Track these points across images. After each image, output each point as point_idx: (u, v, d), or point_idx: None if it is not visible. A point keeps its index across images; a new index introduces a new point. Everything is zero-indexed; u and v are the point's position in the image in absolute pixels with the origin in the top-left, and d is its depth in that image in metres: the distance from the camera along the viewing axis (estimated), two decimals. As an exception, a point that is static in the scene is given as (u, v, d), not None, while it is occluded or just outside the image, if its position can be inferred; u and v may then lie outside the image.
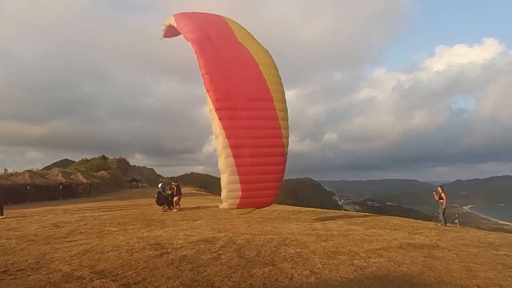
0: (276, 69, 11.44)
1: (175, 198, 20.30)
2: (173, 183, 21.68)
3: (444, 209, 13.91)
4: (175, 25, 11.79)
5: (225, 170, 9.31)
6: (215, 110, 9.51)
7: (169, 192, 20.41)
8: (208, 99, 9.70)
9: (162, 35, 14.17)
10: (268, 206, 8.90)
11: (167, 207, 20.17)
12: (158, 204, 20.53)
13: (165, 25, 12.99)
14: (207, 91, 9.75)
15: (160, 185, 22.14)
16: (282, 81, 11.24)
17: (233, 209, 8.11)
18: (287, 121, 11.05)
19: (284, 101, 11.00)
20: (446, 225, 13.41)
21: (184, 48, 12.56)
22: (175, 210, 19.81)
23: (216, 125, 9.54)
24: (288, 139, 10.88)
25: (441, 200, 14.04)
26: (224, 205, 9.14)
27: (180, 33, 11.90)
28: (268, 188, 9.43)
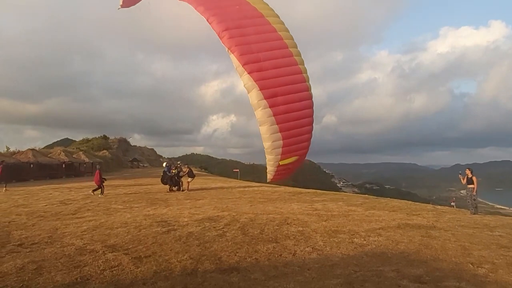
0: (278, 17, 11.18)
1: (189, 179, 20.18)
2: (185, 165, 21.56)
3: (476, 196, 12.18)
4: None
5: (264, 121, 9.17)
6: (242, 65, 9.28)
7: (174, 171, 20.12)
8: (232, 56, 9.44)
9: (120, 4, 12.95)
10: (303, 158, 8.78)
11: (174, 187, 19.98)
12: (163, 183, 20.44)
13: None
14: (228, 48, 9.54)
15: (164, 164, 21.71)
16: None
17: (278, 161, 8.01)
18: (304, 65, 10.90)
19: (296, 46, 10.79)
20: (476, 213, 11.98)
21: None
22: (185, 191, 19.53)
23: (247, 79, 9.31)
24: (309, 82, 10.71)
25: (471, 186, 12.20)
26: (270, 160, 8.78)
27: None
28: (303, 133, 9.38)
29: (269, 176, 7.88)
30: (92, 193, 17.70)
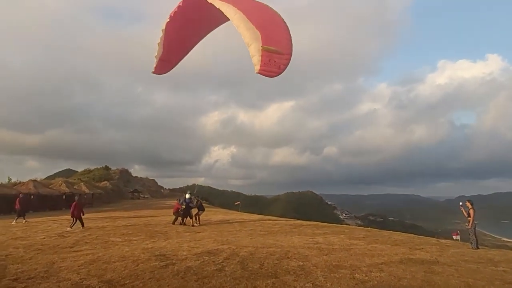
0: None
1: (199, 213, 19.12)
2: (197, 197, 20.14)
3: (475, 228, 11.90)
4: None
5: (239, 18, 8.87)
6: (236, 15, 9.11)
7: (196, 203, 18.96)
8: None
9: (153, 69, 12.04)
10: (288, 55, 8.38)
11: (191, 220, 18.63)
12: (179, 216, 18.78)
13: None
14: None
15: (187, 195, 19.23)
16: None
17: (261, 46, 7.70)
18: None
19: None
20: (478, 247, 11.62)
21: None
22: (197, 225, 18.38)
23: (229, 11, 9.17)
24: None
25: (469, 218, 11.96)
26: (252, 49, 8.40)
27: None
28: (281, 30, 9.05)
29: (256, 68, 7.53)
30: (70, 228, 16.67)
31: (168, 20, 10.94)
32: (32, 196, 35.81)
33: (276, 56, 7.94)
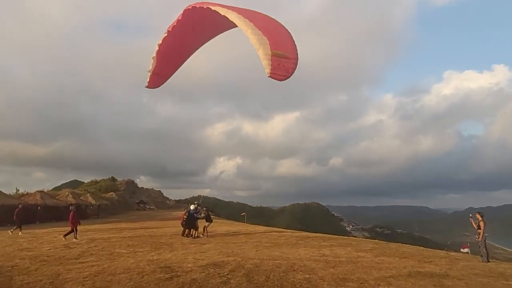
0: None
1: (206, 224, 18.53)
2: (204, 208, 19.64)
3: (485, 241, 11.65)
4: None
5: (247, 24, 9.06)
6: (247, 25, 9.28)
7: (203, 215, 18.54)
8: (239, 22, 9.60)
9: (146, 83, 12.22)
10: (295, 60, 8.61)
11: (195, 232, 18.26)
12: (184, 227, 18.36)
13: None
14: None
15: (192, 206, 18.91)
16: None
17: (270, 50, 7.89)
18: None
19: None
20: (489, 260, 11.47)
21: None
22: (203, 236, 18.06)
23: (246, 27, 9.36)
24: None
25: (479, 230, 11.77)
26: (262, 52, 8.60)
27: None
28: (286, 38, 9.24)
29: (268, 71, 7.70)
30: (64, 238, 16.63)
31: (166, 34, 11.04)
32: (39, 207, 36.04)
33: (284, 61, 8.13)
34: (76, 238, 16.88)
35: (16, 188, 43.84)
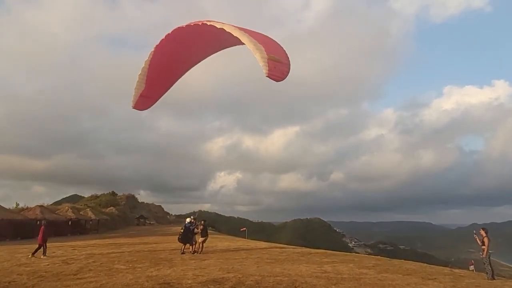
0: None
1: (200, 239, 17.87)
2: (201, 222, 18.78)
3: (489, 258, 11.36)
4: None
5: (242, 34, 9.37)
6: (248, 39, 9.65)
7: (200, 228, 17.93)
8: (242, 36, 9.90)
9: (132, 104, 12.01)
10: (288, 64, 9.14)
11: (191, 247, 17.68)
12: (180, 242, 17.67)
13: None
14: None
15: (188, 219, 18.24)
16: None
17: (266, 55, 8.26)
18: None
19: None
20: (494, 278, 11.19)
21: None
22: (196, 252, 17.43)
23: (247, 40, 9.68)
24: None
25: (483, 246, 11.46)
26: (259, 55, 8.89)
27: None
28: (278, 47, 9.60)
29: (265, 71, 8.02)
30: (32, 256, 15.53)
31: (153, 51, 10.73)
32: (38, 222, 35.77)
33: (279, 64, 8.58)
34: (44, 255, 15.87)
35: (16, 203, 43.67)
